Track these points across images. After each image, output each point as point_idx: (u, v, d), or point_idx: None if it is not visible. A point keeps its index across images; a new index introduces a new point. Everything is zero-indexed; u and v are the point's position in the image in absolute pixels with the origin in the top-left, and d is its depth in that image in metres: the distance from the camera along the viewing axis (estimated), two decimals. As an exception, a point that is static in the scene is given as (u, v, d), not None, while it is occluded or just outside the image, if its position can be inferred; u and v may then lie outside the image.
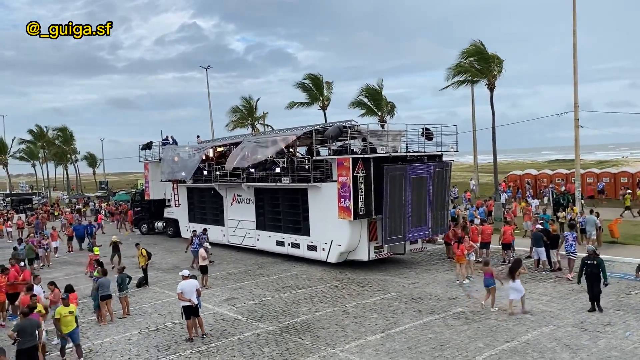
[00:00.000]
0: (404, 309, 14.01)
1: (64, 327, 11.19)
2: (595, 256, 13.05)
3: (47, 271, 21.62)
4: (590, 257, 13.11)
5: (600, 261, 12.94)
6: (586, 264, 13.11)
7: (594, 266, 12.93)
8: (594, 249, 13.48)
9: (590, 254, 13.20)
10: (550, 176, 39.13)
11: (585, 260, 13.17)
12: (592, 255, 13.09)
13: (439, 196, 19.41)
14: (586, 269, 13.11)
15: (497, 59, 28.43)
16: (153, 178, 30.65)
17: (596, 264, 12.89)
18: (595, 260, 12.95)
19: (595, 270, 12.88)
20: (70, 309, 11.33)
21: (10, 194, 59.16)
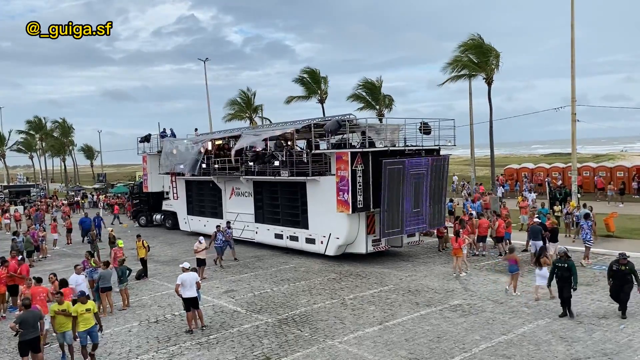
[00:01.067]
0: (402, 301, 14.15)
1: (80, 324, 10.63)
2: (567, 259, 12.36)
3: (46, 263, 21.73)
4: (561, 259, 12.42)
5: (571, 264, 12.26)
6: (557, 267, 12.43)
7: (564, 269, 12.25)
8: (565, 250, 12.67)
9: (561, 256, 12.49)
10: (547, 170, 39.30)
11: (556, 263, 12.50)
12: (564, 257, 12.40)
13: (436, 190, 19.54)
14: (557, 272, 12.41)
15: (494, 52, 28.52)
16: (151, 170, 30.67)
17: (567, 267, 12.21)
18: (566, 263, 12.26)
19: (566, 273, 12.22)
20: (88, 307, 10.73)
21: (8, 186, 59.10)
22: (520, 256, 18.93)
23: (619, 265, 12.12)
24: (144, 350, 11.39)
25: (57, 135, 68.24)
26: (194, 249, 17.78)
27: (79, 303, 10.71)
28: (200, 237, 18.57)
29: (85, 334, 10.64)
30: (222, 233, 19.91)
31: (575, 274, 12.20)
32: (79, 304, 10.69)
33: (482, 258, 19.17)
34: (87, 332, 10.65)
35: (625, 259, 12.15)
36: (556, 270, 12.42)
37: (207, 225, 26.22)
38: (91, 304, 10.91)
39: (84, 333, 10.63)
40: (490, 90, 29.03)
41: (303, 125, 21.01)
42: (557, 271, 12.39)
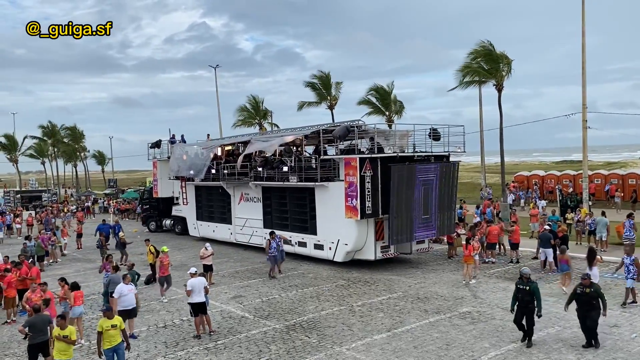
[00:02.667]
0: (410, 308, 14.07)
1: (106, 341, 9.81)
2: (528, 281, 10.93)
3: (57, 267, 21.87)
4: (522, 281, 10.99)
5: (534, 288, 10.84)
6: (518, 289, 11.01)
7: (526, 292, 10.83)
8: (529, 273, 11.17)
9: (523, 277, 11.03)
10: (557, 177, 39.01)
11: (518, 285, 11.06)
12: (526, 279, 10.95)
13: (445, 196, 19.45)
14: (518, 295, 10.97)
15: (505, 58, 28.40)
16: (161, 176, 30.88)
17: (529, 290, 10.80)
18: (528, 285, 10.84)
19: (528, 297, 10.79)
20: (114, 322, 9.88)
21: (21, 191, 59.66)
22: (530, 264, 18.82)
23: (583, 288, 10.82)
24: (152, 355, 11.41)
25: (68, 141, 68.82)
26: (199, 254, 17.70)
27: (104, 318, 9.93)
28: (207, 243, 18.31)
29: (111, 352, 9.83)
30: (276, 241, 18.52)
31: (539, 299, 10.85)
32: (104, 319, 9.90)
33: (492, 265, 19.02)
34: (113, 350, 9.84)
35: (589, 280, 10.85)
36: (518, 293, 11.00)
37: (215, 230, 26.32)
38: (118, 319, 10.02)
39: (110, 351, 9.83)
40: (500, 97, 28.86)
41: (312, 131, 21.04)
42: (518, 294, 10.97)
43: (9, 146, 65.89)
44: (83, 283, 17.49)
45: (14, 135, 66.55)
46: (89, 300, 15.87)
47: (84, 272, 20.78)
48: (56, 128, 68.28)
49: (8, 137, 65.95)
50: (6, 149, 66.05)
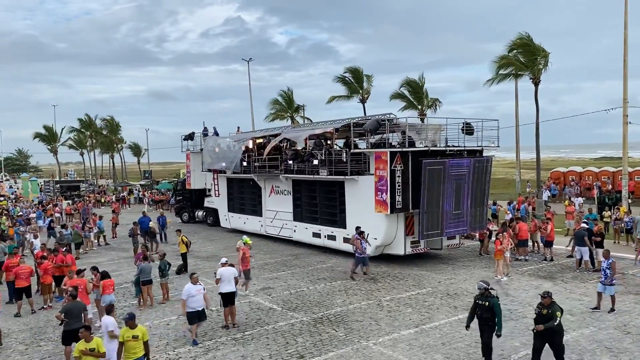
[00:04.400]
0: (439, 304, 13.89)
1: (126, 353, 8.86)
2: (488, 296, 9.71)
3: (92, 256, 22.42)
4: (482, 295, 9.80)
5: (494, 303, 9.61)
6: (477, 305, 9.81)
7: (485, 309, 9.63)
8: (486, 286, 9.80)
9: (482, 291, 9.78)
10: (596, 174, 37.90)
11: (477, 300, 9.87)
12: (485, 293, 9.76)
13: (478, 192, 19.09)
14: (477, 310, 9.82)
15: (543, 51, 27.70)
16: (194, 168, 31.29)
17: (488, 306, 9.60)
18: (487, 301, 9.64)
19: (487, 314, 9.62)
20: (135, 333, 8.89)
21: (60, 181, 61.47)
22: (565, 262, 18.35)
23: (541, 308, 9.52)
24: (181, 344, 11.58)
25: (106, 133, 70.47)
26: (236, 247, 16.92)
27: (126, 327, 8.94)
28: (244, 236, 17.80)
29: None
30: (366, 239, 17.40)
31: (500, 315, 9.64)
32: (126, 329, 8.92)
33: (524, 263, 18.62)
34: None
35: (549, 298, 9.39)
36: (477, 308, 9.85)
37: (246, 222, 26.54)
38: (141, 330, 9.03)
39: None
40: (537, 91, 28.20)
41: (342, 124, 20.94)
42: (476, 310, 9.84)
43: (49, 137, 67.87)
44: (116, 272, 18.01)
45: (53, 127, 68.52)
46: (121, 289, 16.24)
47: (117, 260, 21.26)
48: (93, 120, 69.96)
49: (48, 129, 67.92)
50: (46, 140, 68.08)
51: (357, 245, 16.91)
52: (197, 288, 11.46)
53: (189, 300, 11.31)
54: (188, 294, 11.33)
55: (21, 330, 12.97)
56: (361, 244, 16.91)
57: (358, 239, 16.99)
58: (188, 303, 11.31)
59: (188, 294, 11.33)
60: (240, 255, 15.28)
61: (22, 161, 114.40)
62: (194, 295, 11.35)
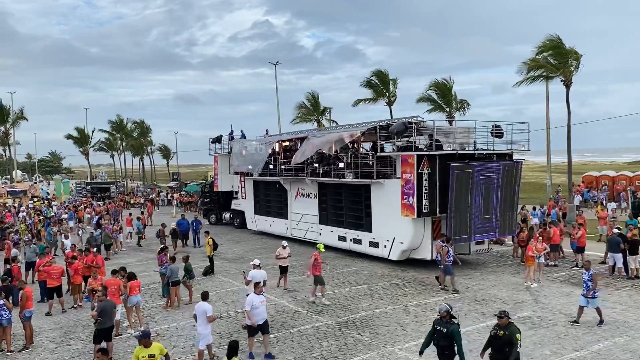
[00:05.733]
0: (467, 310, 13.66)
1: None
2: (448, 321, 8.57)
3: (121, 257, 22.77)
4: (441, 320, 8.66)
5: (454, 330, 8.47)
6: (436, 331, 8.68)
7: (443, 336, 8.52)
8: (447, 308, 8.69)
9: (442, 315, 8.68)
10: (630, 178, 36.85)
11: (435, 325, 8.77)
12: (446, 317, 8.62)
13: (507, 196, 18.75)
14: (434, 337, 8.70)
15: (574, 53, 27.10)
16: (222, 170, 31.58)
17: (446, 333, 8.49)
18: (445, 327, 8.53)
19: (444, 342, 8.51)
20: (151, 352, 8.20)
21: (91, 183, 62.78)
22: (598, 269, 17.87)
23: (497, 329, 8.58)
24: (207, 345, 11.62)
25: (136, 135, 71.66)
26: (275, 255, 16.47)
27: (139, 347, 8.29)
28: (284, 241, 17.02)
29: None
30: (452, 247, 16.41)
31: (460, 345, 8.46)
32: (140, 348, 8.26)
33: (555, 269, 18.19)
34: None
35: (506, 318, 8.50)
36: (434, 334, 8.72)
37: (272, 225, 26.63)
38: (157, 348, 8.33)
39: None
40: (568, 93, 27.58)
41: (369, 127, 20.83)
42: (434, 336, 8.72)
43: (81, 140, 69.35)
44: (144, 272, 18.24)
45: (85, 130, 69.97)
46: (148, 290, 16.44)
47: (145, 261, 21.54)
48: (124, 123, 71.20)
49: (80, 131, 69.43)
50: (78, 142, 69.57)
51: (444, 254, 15.76)
52: (261, 299, 10.75)
53: (253, 312, 10.58)
54: (252, 304, 10.59)
55: (52, 329, 13.23)
56: (448, 252, 15.83)
57: (445, 247, 15.89)
58: (252, 313, 10.58)
59: (251, 305, 10.59)
60: (312, 260, 14.80)
61: (55, 163, 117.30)
62: (257, 306, 10.63)
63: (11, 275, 14.74)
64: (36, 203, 44.09)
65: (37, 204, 43.60)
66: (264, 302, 10.86)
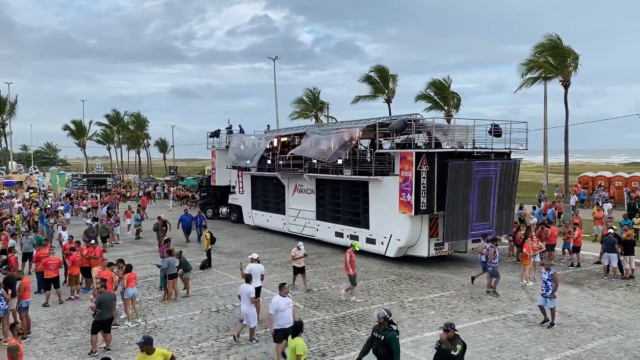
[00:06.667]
0: (463, 307, 13.76)
1: None
2: (387, 328, 8.16)
3: (117, 249, 22.77)
4: (379, 327, 8.24)
5: (391, 337, 8.05)
6: (374, 338, 8.25)
7: (380, 343, 8.10)
8: (383, 314, 8.23)
9: (380, 321, 8.24)
10: (625, 179, 37.08)
11: (374, 332, 8.33)
12: (384, 324, 8.21)
13: (504, 195, 18.87)
14: (373, 344, 8.28)
15: (572, 54, 27.19)
16: (219, 165, 31.58)
17: (384, 340, 8.07)
18: (383, 334, 8.12)
19: (383, 350, 8.08)
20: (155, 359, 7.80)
21: (87, 175, 62.61)
22: (592, 268, 18.01)
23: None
24: (204, 338, 11.69)
25: (132, 128, 71.48)
26: (291, 255, 15.88)
27: (142, 354, 7.87)
28: (300, 242, 16.24)
29: None
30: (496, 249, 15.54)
31: (397, 354, 8.08)
32: (142, 355, 7.84)
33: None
34: None
35: (452, 331, 7.94)
36: (372, 342, 8.29)
37: (269, 220, 26.67)
38: (160, 354, 7.88)
39: None
40: (566, 94, 27.68)
41: (368, 124, 20.88)
42: (372, 344, 8.29)
43: (77, 132, 69.16)
44: (141, 265, 18.25)
45: (81, 122, 69.79)
46: (145, 282, 16.48)
47: (142, 254, 21.55)
48: (120, 115, 71.03)
49: (76, 124, 69.22)
50: (74, 134, 69.39)
51: (491, 256, 15.18)
52: (286, 301, 9.97)
53: (277, 315, 9.83)
54: (276, 307, 9.83)
55: (49, 319, 13.25)
56: (495, 253, 15.17)
57: (492, 248, 15.29)
58: (276, 319, 9.84)
59: (276, 308, 9.83)
60: (347, 258, 14.34)
61: (51, 155, 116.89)
62: (282, 309, 9.83)
63: (9, 265, 14.73)
64: (32, 194, 43.98)
65: (33, 195, 43.50)
66: (291, 304, 10.05)
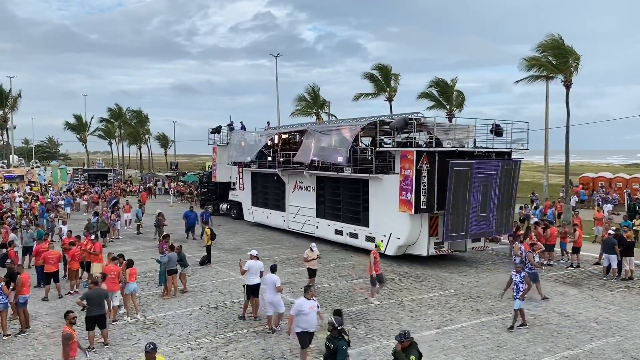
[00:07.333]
0: (462, 307, 13.77)
1: None
2: (337, 336, 7.93)
3: (117, 244, 22.79)
4: (330, 336, 8.05)
5: (339, 347, 7.80)
6: (326, 347, 8.10)
7: (329, 352, 7.93)
8: (335, 324, 8.00)
9: (329, 329, 8.09)
10: (626, 180, 37.06)
11: (326, 342, 8.14)
12: (334, 332, 8.00)
13: (505, 195, 18.86)
14: (324, 353, 8.22)
15: (574, 54, 27.17)
16: (220, 161, 31.57)
17: (332, 349, 7.86)
18: (333, 343, 7.90)
19: (332, 359, 7.92)
20: None
21: (88, 170, 62.59)
22: (592, 269, 18.01)
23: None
24: (203, 334, 11.71)
25: (134, 124, 71.45)
26: (304, 257, 15.48)
27: None
28: (313, 243, 15.81)
29: None
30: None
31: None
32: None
33: (549, 268, 18.31)
34: None
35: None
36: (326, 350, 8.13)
37: (269, 217, 26.68)
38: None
39: None
40: (568, 94, 27.69)
41: (369, 122, 20.86)
42: (325, 352, 8.17)
43: (79, 127, 69.14)
44: (141, 260, 18.26)
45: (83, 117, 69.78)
46: (145, 278, 16.50)
47: (142, 249, 21.57)
48: (122, 110, 70.98)
49: (78, 118, 69.20)
50: (76, 129, 69.38)
51: (531, 261, 14.54)
52: (311, 304, 9.56)
53: (300, 318, 9.45)
54: (299, 310, 9.48)
55: (48, 314, 13.28)
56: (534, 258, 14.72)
57: (531, 253, 14.74)
58: (298, 322, 9.48)
59: (299, 310, 9.48)
60: (371, 260, 14.09)
61: (52, 149, 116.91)
62: (306, 313, 9.46)
63: (9, 259, 14.75)
64: (33, 188, 44.02)
65: (34, 189, 43.54)
66: (315, 308, 9.62)
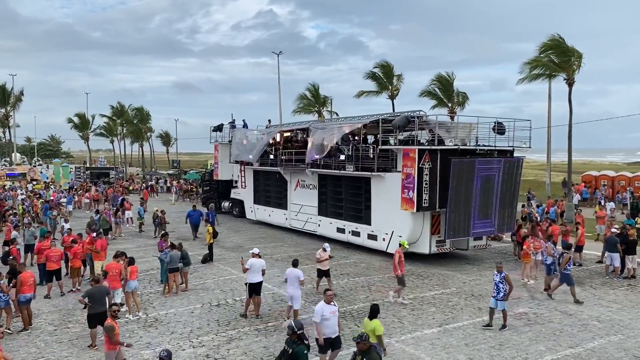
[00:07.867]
0: (464, 305, 13.76)
1: None
2: (296, 342, 7.75)
3: (119, 242, 22.82)
4: (289, 340, 7.85)
5: (298, 352, 7.65)
6: (284, 351, 7.90)
7: (289, 357, 7.71)
8: (294, 329, 7.80)
9: (288, 334, 7.89)
10: (629, 178, 36.95)
11: (285, 346, 7.94)
12: (292, 336, 7.80)
13: (507, 193, 18.81)
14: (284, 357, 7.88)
15: (576, 52, 27.11)
16: (222, 159, 31.58)
17: (291, 354, 7.68)
18: (292, 347, 7.73)
19: None
20: None
21: (90, 168, 62.69)
22: (594, 268, 17.98)
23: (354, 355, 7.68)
24: (205, 332, 11.72)
25: (136, 122, 71.45)
26: (316, 257, 15.11)
27: None
28: (325, 243, 15.48)
29: None
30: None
31: None
32: None
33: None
34: None
35: (363, 343, 7.48)
36: (282, 357, 7.89)
37: (271, 215, 26.68)
38: None
39: None
40: (570, 92, 27.64)
41: (371, 120, 20.84)
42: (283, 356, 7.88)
43: (81, 124, 69.19)
44: (143, 258, 18.29)
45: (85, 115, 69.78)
46: (147, 275, 16.52)
47: (144, 247, 21.60)
48: (125, 108, 71.00)
49: (80, 116, 69.24)
50: (78, 127, 69.43)
51: (565, 262, 14.09)
52: (332, 309, 9.27)
53: (323, 324, 9.17)
54: (321, 315, 9.13)
55: (50, 311, 13.31)
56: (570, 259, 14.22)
57: (567, 254, 14.22)
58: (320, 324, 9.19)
59: (321, 315, 9.13)
60: (396, 259, 13.86)
61: (54, 147, 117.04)
62: (327, 318, 9.15)
63: (11, 257, 14.78)
64: (36, 186, 44.09)
65: (36, 187, 43.61)
66: (336, 312, 9.35)
